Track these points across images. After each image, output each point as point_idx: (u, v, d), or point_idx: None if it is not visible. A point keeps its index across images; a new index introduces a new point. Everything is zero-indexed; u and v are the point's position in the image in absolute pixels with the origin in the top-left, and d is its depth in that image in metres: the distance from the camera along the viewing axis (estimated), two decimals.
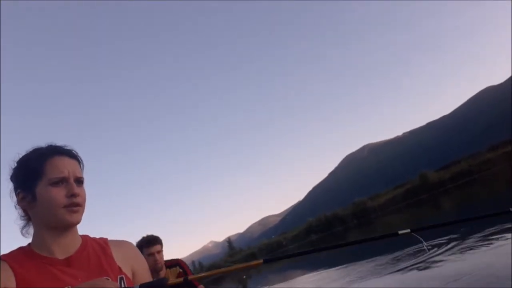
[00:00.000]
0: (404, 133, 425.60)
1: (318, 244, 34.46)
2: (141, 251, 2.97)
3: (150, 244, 3.10)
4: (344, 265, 10.47)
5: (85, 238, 1.28)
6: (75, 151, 1.26)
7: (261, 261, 1.64)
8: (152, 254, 3.06)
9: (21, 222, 1.23)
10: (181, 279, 1.21)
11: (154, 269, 3.05)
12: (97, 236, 1.34)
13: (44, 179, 1.16)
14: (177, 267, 3.30)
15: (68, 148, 1.25)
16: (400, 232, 1.98)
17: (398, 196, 47.52)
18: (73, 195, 1.17)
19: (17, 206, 1.22)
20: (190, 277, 1.26)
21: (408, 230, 2.00)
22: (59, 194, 1.16)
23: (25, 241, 1.22)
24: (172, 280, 1.09)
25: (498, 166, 36.31)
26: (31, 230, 1.22)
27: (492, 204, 13.68)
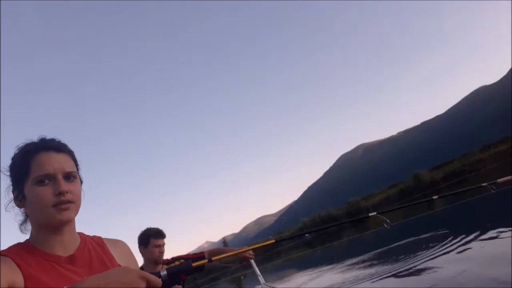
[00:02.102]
0: (398, 133, 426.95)
1: (313, 244, 34.54)
2: (147, 241, 3.16)
3: (160, 235, 3.20)
4: (341, 263, 10.49)
5: (83, 235, 1.25)
6: (65, 144, 1.19)
7: (273, 241, 1.86)
8: (158, 246, 3.15)
9: (21, 218, 1.18)
10: (206, 260, 1.31)
11: (155, 261, 3.16)
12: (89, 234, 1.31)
13: (30, 178, 1.10)
14: (176, 261, 3.37)
15: (56, 141, 1.17)
16: (370, 214, 2.18)
17: (391, 195, 47.81)
18: (61, 193, 1.10)
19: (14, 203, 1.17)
20: (213, 258, 1.33)
21: (375, 213, 2.19)
22: (46, 193, 1.09)
23: (20, 236, 1.18)
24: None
25: (490, 165, 36.66)
26: (28, 226, 1.17)
27: (483, 203, 13.78)
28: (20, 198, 1.13)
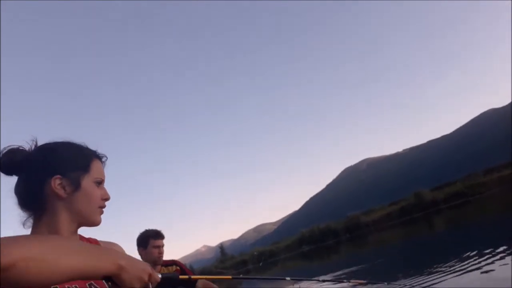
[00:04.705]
0: (404, 150, 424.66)
1: (310, 256, 34.52)
2: (146, 242, 3.20)
3: (159, 236, 3.25)
4: (338, 276, 10.44)
5: (80, 238, 1.28)
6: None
7: (230, 277, 1.96)
8: (158, 247, 3.21)
9: (25, 213, 1.19)
10: (187, 276, 1.38)
11: (154, 261, 3.18)
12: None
13: (90, 176, 1.21)
14: (174, 266, 3.41)
15: (104, 155, 1.31)
16: (288, 278, 2.22)
17: (392, 213, 47.36)
18: (107, 199, 1.24)
19: (31, 193, 1.16)
20: (193, 277, 1.48)
21: (289, 278, 2.23)
22: (98, 194, 1.22)
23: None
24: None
25: (492, 190, 36.42)
26: (29, 222, 1.18)
27: (483, 228, 13.88)
28: (70, 188, 1.17)
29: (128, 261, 0.96)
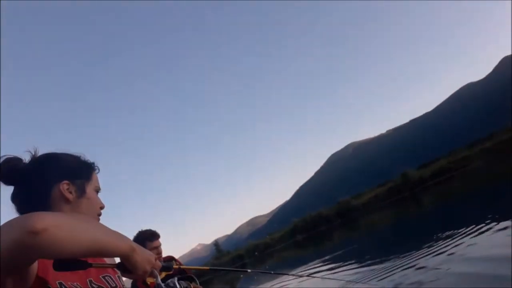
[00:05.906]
0: (388, 131, 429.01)
1: (304, 244, 34.86)
2: (143, 245, 3.17)
3: (155, 237, 3.23)
4: (334, 262, 10.53)
5: None
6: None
7: (208, 268, 2.18)
8: (156, 247, 3.17)
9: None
10: (177, 266, 1.53)
11: None
12: None
13: (92, 184, 1.31)
14: (173, 261, 3.44)
15: (98, 166, 1.39)
16: (249, 270, 2.34)
17: (381, 194, 48.10)
18: (103, 207, 1.33)
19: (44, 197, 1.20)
20: (182, 266, 1.76)
21: (250, 270, 2.35)
22: (98, 201, 1.32)
23: None
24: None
25: (475, 163, 37.23)
26: None
27: (467, 200, 14.16)
28: (77, 193, 1.25)
29: (137, 245, 1.06)
